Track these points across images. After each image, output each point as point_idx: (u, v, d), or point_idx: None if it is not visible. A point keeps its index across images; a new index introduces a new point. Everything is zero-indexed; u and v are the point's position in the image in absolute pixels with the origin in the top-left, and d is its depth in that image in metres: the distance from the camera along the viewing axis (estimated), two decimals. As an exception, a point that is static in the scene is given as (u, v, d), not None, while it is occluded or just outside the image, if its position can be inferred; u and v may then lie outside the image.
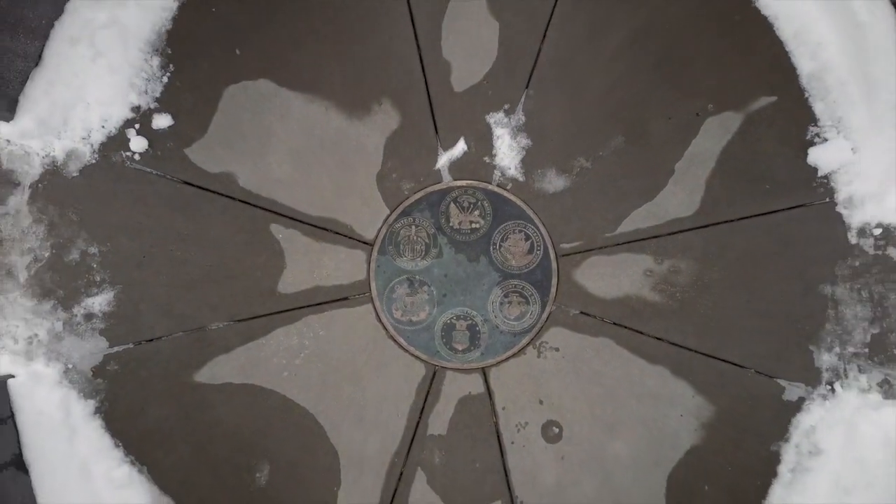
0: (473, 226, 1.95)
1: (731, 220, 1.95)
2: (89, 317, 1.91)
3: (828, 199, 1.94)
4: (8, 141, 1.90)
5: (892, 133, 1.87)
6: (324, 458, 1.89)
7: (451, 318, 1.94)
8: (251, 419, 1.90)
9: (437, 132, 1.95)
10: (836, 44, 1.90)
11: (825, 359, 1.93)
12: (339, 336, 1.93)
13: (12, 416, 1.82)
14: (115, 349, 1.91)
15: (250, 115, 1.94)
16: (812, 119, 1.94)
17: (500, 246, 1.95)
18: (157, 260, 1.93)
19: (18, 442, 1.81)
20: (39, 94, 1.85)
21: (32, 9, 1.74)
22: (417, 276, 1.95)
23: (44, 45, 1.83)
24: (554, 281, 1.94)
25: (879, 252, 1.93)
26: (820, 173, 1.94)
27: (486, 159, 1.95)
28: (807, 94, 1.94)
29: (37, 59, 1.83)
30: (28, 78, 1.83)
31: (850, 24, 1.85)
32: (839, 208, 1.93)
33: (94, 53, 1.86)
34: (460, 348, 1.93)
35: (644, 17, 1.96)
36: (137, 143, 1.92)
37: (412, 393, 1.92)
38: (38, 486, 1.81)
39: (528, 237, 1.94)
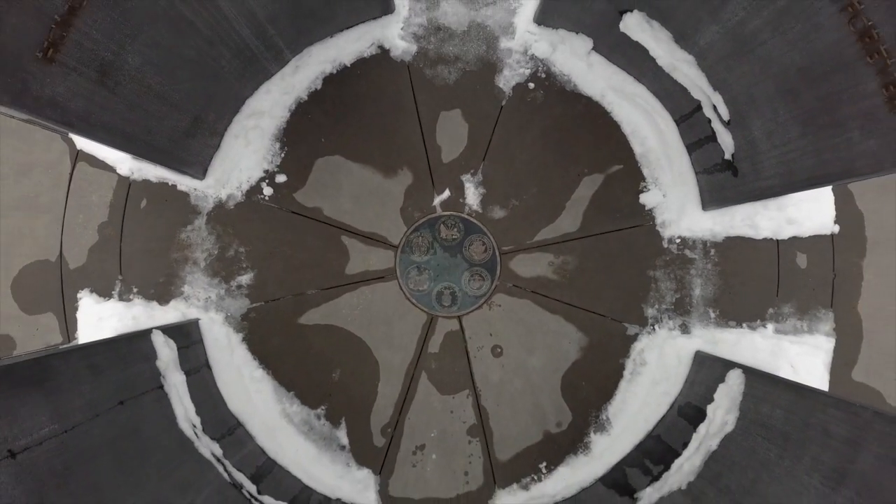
0: (453, 237, 3.58)
1: (598, 234, 3.58)
2: (239, 287, 3.54)
3: (651, 223, 3.58)
4: (195, 189, 3.53)
5: (682, 188, 3.52)
6: (371, 366, 3.51)
7: (441, 288, 3.57)
8: (330, 344, 3.52)
9: (433, 185, 3.59)
10: (653, 138, 3.55)
11: (650, 312, 3.56)
12: (378, 298, 3.56)
13: (202, 340, 3.43)
14: (254, 305, 3.53)
15: (330, 175, 3.58)
16: (642, 178, 3.58)
17: (468, 249, 3.58)
18: (276, 256, 3.56)
19: (206, 354, 3.42)
20: (217, 165, 3.49)
21: (218, 121, 3.38)
22: (422, 265, 3.58)
23: (221, 139, 3.48)
24: (498, 268, 3.57)
25: (679, 252, 3.56)
26: (646, 208, 3.58)
27: (461, 200, 3.59)
28: (639, 164, 3.59)
29: (217, 147, 3.48)
30: (212, 158, 3.47)
31: (658, 131, 3.50)
32: (657, 228, 3.57)
33: (246, 143, 3.50)
34: (446, 305, 3.56)
35: (549, 121, 3.61)
36: (267, 191, 3.55)
37: (419, 329, 3.55)
38: (217, 378, 3.43)
39: (484, 244, 3.58)
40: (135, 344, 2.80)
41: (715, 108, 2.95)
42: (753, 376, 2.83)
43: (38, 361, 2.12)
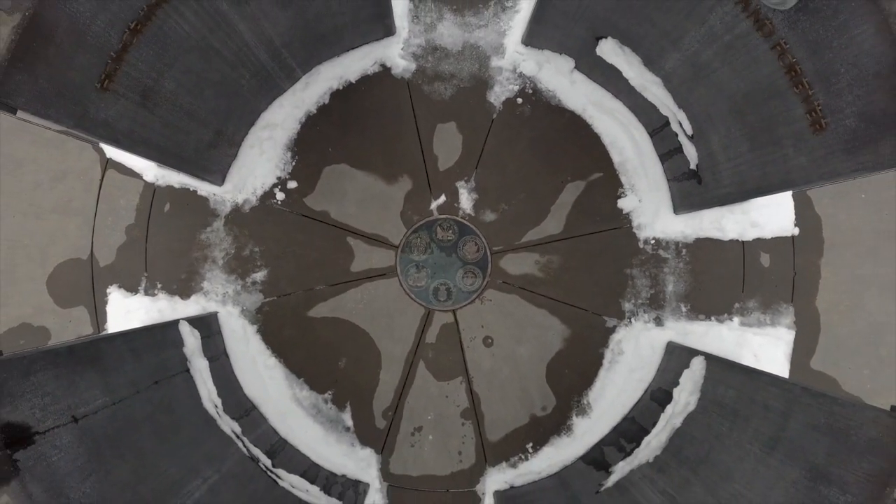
0: (449, 238, 3.97)
1: (579, 236, 3.97)
2: (254, 283, 3.93)
3: (628, 225, 3.97)
4: (214, 194, 3.93)
5: (656, 193, 3.91)
6: (373, 355, 3.91)
7: (437, 284, 3.96)
8: (336, 335, 3.91)
9: (430, 191, 3.99)
10: (630, 149, 3.94)
11: (627, 306, 3.95)
12: (380, 293, 3.95)
13: (220, 331, 3.82)
14: (267, 300, 3.92)
15: (336, 182, 3.98)
16: (620, 184, 3.97)
17: (462, 249, 3.97)
18: (288, 255, 3.95)
19: (224, 344, 3.81)
20: (234, 173, 3.89)
21: (236, 133, 3.77)
22: (420, 264, 3.97)
23: (238, 149, 3.87)
24: (489, 266, 3.96)
25: (653, 252, 3.96)
26: (624, 212, 3.97)
27: (455, 205, 3.99)
28: (617, 172, 3.98)
29: (234, 156, 3.87)
30: (230, 166, 3.87)
31: (634, 142, 3.89)
32: (633, 230, 3.96)
33: (261, 152, 3.90)
34: (442, 300, 3.95)
35: (536, 133, 4.01)
36: (279, 195, 3.95)
37: (417, 321, 3.94)
38: (234, 365, 3.82)
39: (476, 244, 3.97)
40: (166, 332, 3.19)
41: (680, 123, 3.34)
42: (713, 362, 3.23)
43: (92, 343, 2.51)
